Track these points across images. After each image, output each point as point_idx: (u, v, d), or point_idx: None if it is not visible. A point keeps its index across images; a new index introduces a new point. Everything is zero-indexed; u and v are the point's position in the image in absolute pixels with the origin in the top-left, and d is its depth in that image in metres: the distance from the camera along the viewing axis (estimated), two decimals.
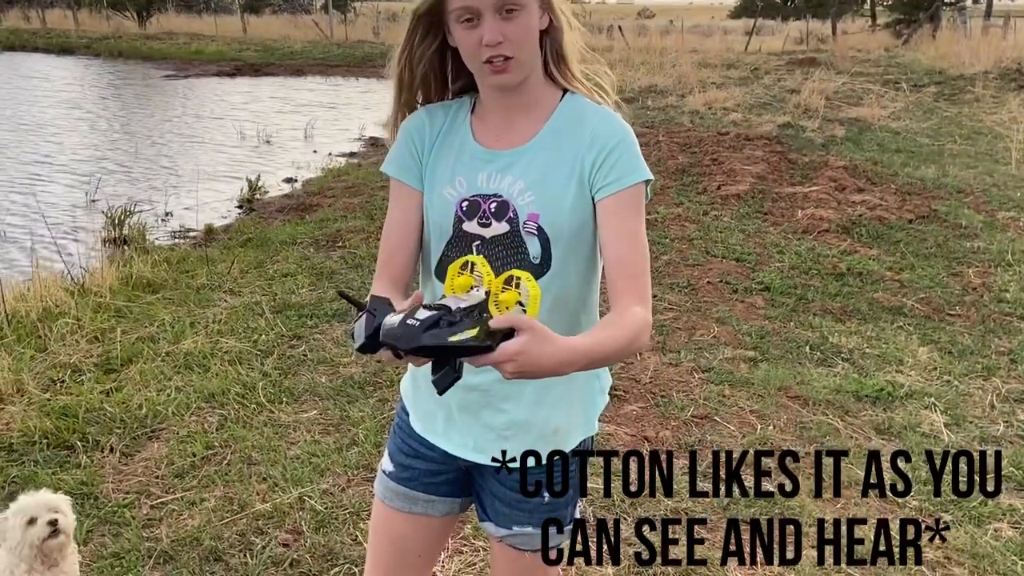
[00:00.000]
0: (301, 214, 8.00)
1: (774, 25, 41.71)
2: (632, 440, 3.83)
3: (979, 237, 7.04)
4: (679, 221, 7.37)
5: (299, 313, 5.26)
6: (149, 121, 15.20)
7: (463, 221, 1.62)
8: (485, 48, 1.51)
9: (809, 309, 5.47)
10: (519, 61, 1.54)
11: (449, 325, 1.24)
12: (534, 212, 1.58)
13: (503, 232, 1.60)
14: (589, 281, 1.70)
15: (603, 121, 1.61)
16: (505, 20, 1.50)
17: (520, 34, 1.52)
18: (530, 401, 1.67)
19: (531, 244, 1.59)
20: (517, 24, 1.51)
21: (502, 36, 1.50)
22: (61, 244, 6.68)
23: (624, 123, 1.63)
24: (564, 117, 1.63)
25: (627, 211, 1.57)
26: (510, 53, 1.52)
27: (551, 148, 1.61)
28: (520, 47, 1.52)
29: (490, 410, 1.69)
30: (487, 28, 1.50)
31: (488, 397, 1.68)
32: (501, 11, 1.50)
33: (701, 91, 15.26)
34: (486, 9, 1.49)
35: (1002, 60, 18.04)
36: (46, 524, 2.46)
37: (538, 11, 1.55)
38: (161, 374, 4.40)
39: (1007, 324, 5.27)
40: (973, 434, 3.94)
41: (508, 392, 1.66)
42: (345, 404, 4.14)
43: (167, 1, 42.84)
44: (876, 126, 12.37)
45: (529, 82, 1.61)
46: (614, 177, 1.57)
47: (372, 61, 25.68)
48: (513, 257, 1.60)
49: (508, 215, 1.60)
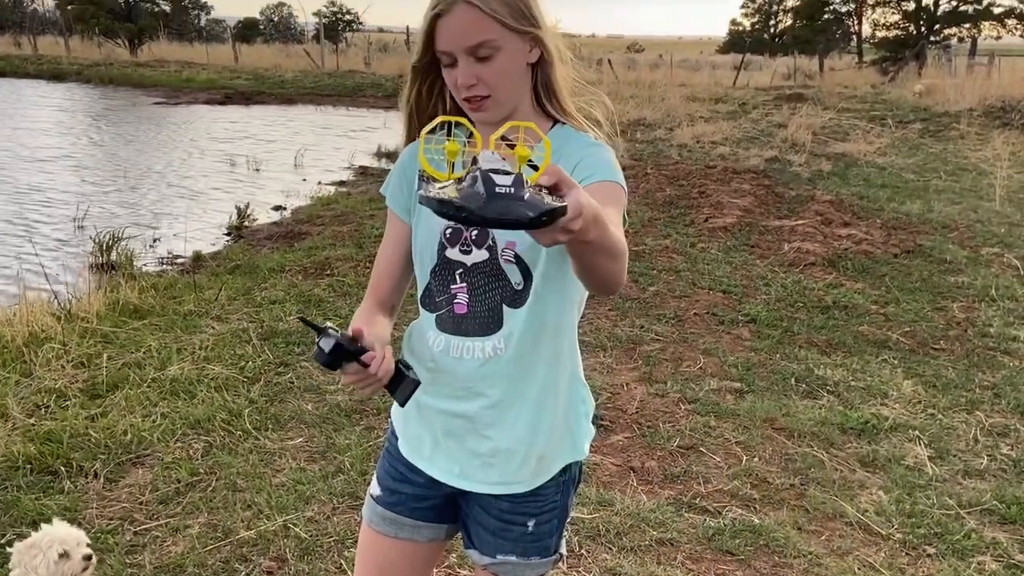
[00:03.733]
0: (290, 242, 8.01)
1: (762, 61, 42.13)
2: (618, 470, 3.83)
3: (964, 272, 7.10)
4: (667, 253, 7.41)
5: (286, 340, 5.25)
6: (138, 147, 15.21)
7: (446, 248, 1.65)
8: (462, 88, 1.55)
9: (795, 341, 5.50)
10: (496, 99, 1.57)
11: (529, 187, 1.04)
12: (511, 240, 1.60)
13: (483, 259, 1.62)
14: (571, 306, 1.70)
15: (578, 141, 1.63)
16: (479, 63, 1.53)
17: (493, 77, 1.54)
18: (514, 428, 1.68)
19: (511, 272, 1.62)
20: (490, 67, 1.53)
21: (475, 79, 1.54)
22: (48, 269, 6.67)
23: (601, 144, 1.63)
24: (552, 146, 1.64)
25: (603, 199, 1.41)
26: (485, 93, 1.55)
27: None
28: (495, 87, 1.55)
29: (475, 436, 1.70)
30: (460, 71, 1.54)
31: (473, 424, 1.69)
32: (473, 55, 1.53)
33: (689, 125, 15.38)
34: (458, 54, 1.53)
35: (986, 98, 18.26)
36: (82, 559, 2.45)
37: (520, 48, 1.56)
38: (147, 400, 4.38)
39: (991, 358, 5.31)
40: (957, 467, 3.95)
41: (492, 419, 1.68)
42: (331, 432, 4.13)
43: (159, 29, 43.10)
44: (862, 161, 12.48)
45: (517, 115, 1.62)
46: (586, 175, 1.53)
47: (363, 91, 25.86)
48: (495, 284, 1.63)
49: (487, 243, 1.62)
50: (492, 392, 1.67)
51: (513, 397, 1.67)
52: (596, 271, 1.39)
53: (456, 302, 1.66)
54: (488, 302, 1.64)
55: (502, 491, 1.72)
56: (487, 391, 1.67)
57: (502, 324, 1.64)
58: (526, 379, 1.67)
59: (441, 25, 1.53)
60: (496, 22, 1.51)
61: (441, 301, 1.68)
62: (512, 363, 1.65)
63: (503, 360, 1.65)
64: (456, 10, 1.51)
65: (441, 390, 1.70)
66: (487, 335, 1.65)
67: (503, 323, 1.64)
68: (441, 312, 1.69)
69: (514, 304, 1.63)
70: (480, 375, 1.66)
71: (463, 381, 1.67)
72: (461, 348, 1.67)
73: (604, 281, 1.41)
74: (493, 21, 1.51)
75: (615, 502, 3.54)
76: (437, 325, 1.70)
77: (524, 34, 1.55)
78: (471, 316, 1.65)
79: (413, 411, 1.78)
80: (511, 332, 1.64)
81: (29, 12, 50.80)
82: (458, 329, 1.67)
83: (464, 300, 1.65)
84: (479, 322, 1.65)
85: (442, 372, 1.69)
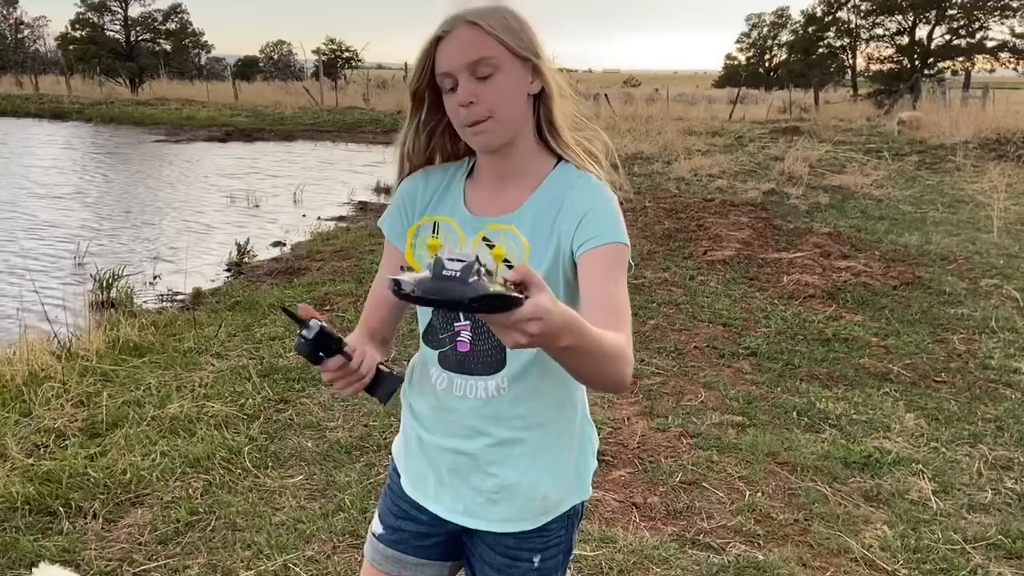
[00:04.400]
0: (289, 277, 8.02)
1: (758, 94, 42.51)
2: (620, 506, 3.81)
3: (963, 304, 7.10)
4: (666, 286, 7.42)
5: (286, 377, 5.24)
6: (138, 185, 15.26)
7: None
8: (462, 109, 1.55)
9: (796, 374, 5.49)
10: (496, 121, 1.56)
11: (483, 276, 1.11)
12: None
13: None
14: None
15: (583, 188, 1.61)
16: (480, 82, 1.54)
17: (493, 96, 1.54)
18: (519, 465, 1.68)
19: None
20: (490, 87, 1.54)
21: (475, 97, 1.54)
22: (48, 307, 6.66)
23: (606, 191, 1.63)
24: (552, 187, 1.64)
25: (607, 266, 1.53)
26: (485, 113, 1.54)
27: (534, 218, 1.62)
28: (495, 108, 1.55)
29: (479, 474, 1.69)
30: (461, 88, 1.54)
31: (477, 462, 1.68)
32: (474, 73, 1.53)
33: (687, 158, 15.46)
34: (459, 72, 1.54)
35: (982, 130, 18.37)
36: None
37: (520, 74, 1.57)
38: (146, 438, 4.36)
39: (993, 391, 5.29)
40: (961, 501, 3.93)
41: (496, 457, 1.67)
42: (331, 469, 4.11)
43: (159, 67, 43.46)
44: (859, 194, 12.54)
45: (518, 148, 1.63)
46: (591, 235, 1.55)
47: (362, 127, 26.01)
48: None
49: None
50: (496, 431, 1.66)
51: (518, 436, 1.67)
52: (583, 375, 1.39)
53: (459, 340, 1.66)
54: (491, 340, 1.63)
55: (508, 528, 1.71)
56: (491, 430, 1.66)
57: (505, 363, 1.64)
58: (531, 419, 1.67)
59: (442, 47, 1.55)
60: (497, 41, 1.53)
61: (444, 338, 1.68)
62: (516, 403, 1.65)
63: (506, 399, 1.64)
64: (458, 30, 1.54)
65: (445, 428, 1.70)
66: (491, 374, 1.64)
67: (506, 362, 1.63)
68: (444, 349, 1.68)
69: None
70: (483, 414, 1.66)
71: (466, 419, 1.67)
72: (464, 386, 1.66)
73: (596, 384, 1.41)
74: (494, 40, 1.53)
75: (618, 539, 3.52)
76: (440, 362, 1.69)
77: (525, 60, 1.56)
78: (474, 354, 1.65)
79: (416, 448, 1.77)
80: (515, 372, 1.63)
81: (31, 52, 51.19)
82: (461, 367, 1.66)
83: (467, 338, 1.65)
84: (482, 361, 1.64)
85: (445, 410, 1.69)
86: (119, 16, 47.80)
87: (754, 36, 62.89)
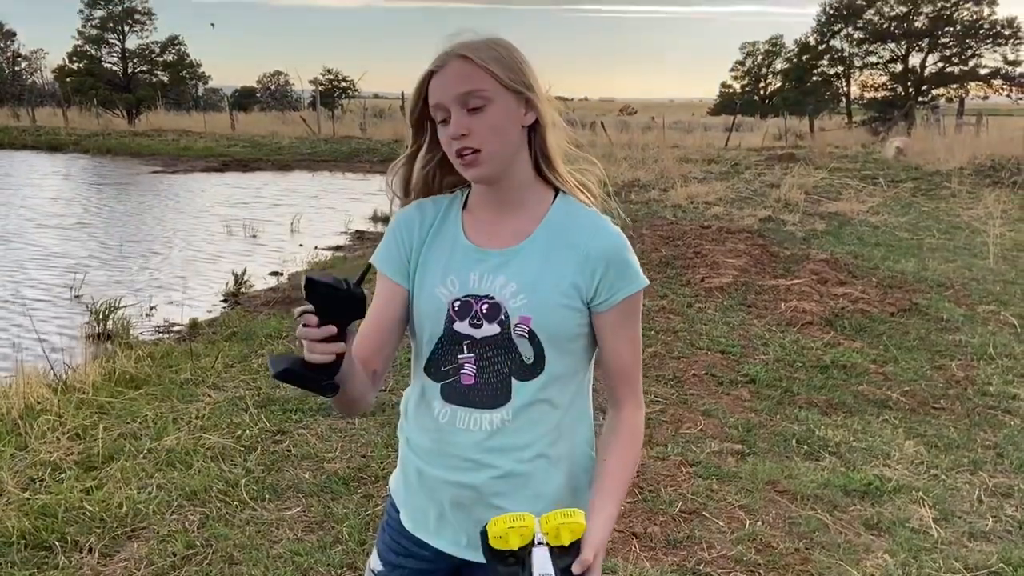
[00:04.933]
0: (287, 307, 7.99)
1: (753, 122, 42.74)
2: (620, 536, 3.78)
3: (961, 330, 7.11)
4: (664, 313, 7.42)
5: (283, 408, 5.22)
6: (134, 216, 15.28)
7: (454, 321, 1.64)
8: (453, 141, 1.57)
9: (795, 402, 5.47)
10: (488, 153, 1.57)
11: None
12: (526, 315, 1.60)
13: (494, 333, 1.62)
14: (583, 380, 1.72)
15: (599, 232, 1.64)
16: (471, 115, 1.55)
17: (483, 129, 1.56)
18: (523, 496, 1.67)
19: (523, 346, 1.61)
20: (481, 119, 1.55)
21: (467, 129, 1.55)
22: (45, 340, 6.65)
23: (617, 229, 1.66)
24: (558, 220, 1.65)
25: (628, 319, 1.65)
26: (476, 145, 1.56)
27: (544, 252, 1.63)
28: (486, 140, 1.56)
29: (483, 506, 1.67)
30: (452, 122, 1.56)
31: (481, 494, 1.67)
32: (465, 105, 1.55)
33: (683, 185, 15.52)
34: (451, 104, 1.56)
35: (976, 157, 18.47)
36: None
37: (513, 107, 1.58)
38: (143, 471, 4.34)
39: (992, 417, 5.28)
40: (962, 529, 3.91)
41: (501, 489, 1.66)
42: (329, 501, 4.08)
43: (156, 99, 43.64)
44: (856, 220, 12.57)
45: (514, 179, 1.64)
46: (616, 290, 1.62)
47: (359, 156, 26.10)
48: (503, 356, 1.62)
49: (499, 317, 1.61)
50: (501, 463, 1.65)
51: (522, 468, 1.66)
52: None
53: (463, 372, 1.65)
54: (496, 374, 1.63)
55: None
56: (495, 462, 1.65)
57: (510, 396, 1.63)
58: (535, 449, 1.66)
59: (435, 81, 1.57)
60: (488, 74, 1.55)
61: (448, 371, 1.67)
62: (520, 435, 1.65)
63: (510, 432, 1.64)
64: (450, 64, 1.56)
65: (446, 461, 1.69)
66: (495, 407, 1.64)
67: (511, 395, 1.63)
68: (447, 382, 1.67)
69: (523, 377, 1.63)
70: (487, 447, 1.65)
71: (470, 452, 1.66)
72: (468, 420, 1.65)
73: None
74: (485, 73, 1.55)
75: (618, 569, 3.49)
76: (443, 395, 1.68)
77: (517, 93, 1.58)
78: (478, 387, 1.64)
79: (415, 482, 1.76)
80: (520, 405, 1.63)
81: (28, 85, 51.42)
82: (465, 400, 1.65)
83: (471, 371, 1.64)
84: (487, 394, 1.64)
85: (448, 443, 1.68)
86: (116, 48, 48.07)
87: (749, 64, 63.32)
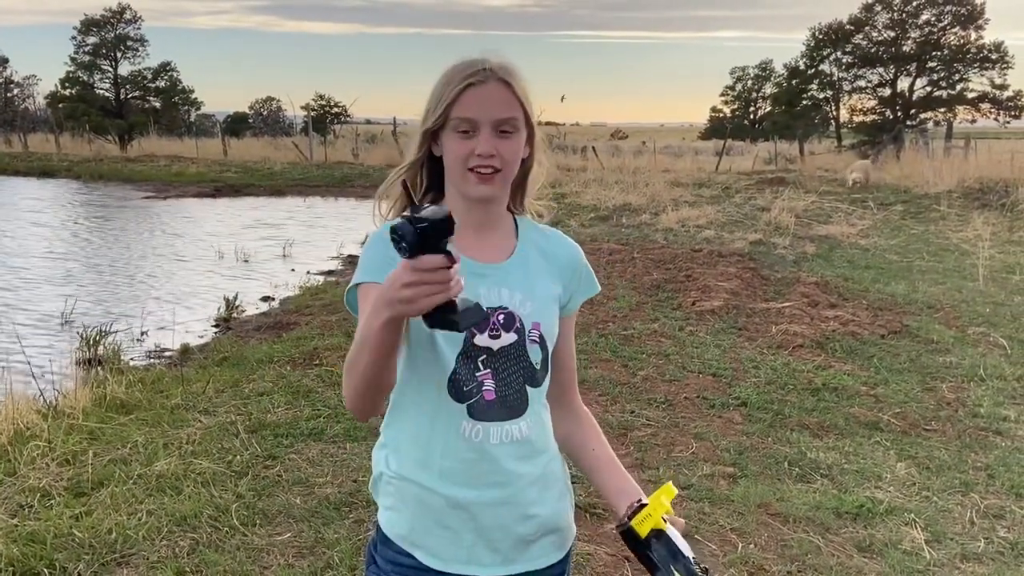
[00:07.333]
0: (278, 332, 7.99)
1: (743, 146, 42.99)
2: (613, 560, 3.77)
3: (951, 352, 7.13)
4: (655, 336, 7.43)
5: (274, 432, 5.20)
6: (126, 241, 15.27)
7: (475, 335, 1.65)
8: (476, 156, 1.61)
9: (786, 424, 5.48)
10: (504, 176, 1.65)
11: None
12: (536, 321, 1.69)
13: (511, 342, 1.67)
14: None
15: (563, 243, 1.82)
16: (500, 138, 1.62)
17: (510, 153, 1.64)
18: (550, 498, 1.75)
19: (532, 352, 1.69)
20: (509, 144, 1.63)
21: (495, 151, 1.61)
22: (35, 365, 6.62)
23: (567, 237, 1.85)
24: (529, 236, 1.78)
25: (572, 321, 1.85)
26: (499, 166, 1.63)
27: (529, 264, 1.74)
28: (508, 164, 1.64)
29: (519, 517, 1.70)
30: (483, 140, 1.61)
31: (518, 504, 1.70)
32: (498, 129, 1.61)
33: (674, 209, 15.58)
34: (485, 124, 1.61)
35: (965, 179, 18.59)
36: None
37: (524, 140, 1.68)
38: (132, 497, 4.31)
39: (983, 439, 5.29)
40: (954, 551, 3.91)
41: (534, 496, 1.72)
42: (320, 526, 4.06)
43: (149, 125, 43.68)
44: (845, 243, 12.63)
45: (500, 201, 1.73)
46: (581, 294, 1.81)
47: (351, 181, 26.15)
48: (516, 366, 1.68)
49: (516, 325, 1.68)
50: (529, 470, 1.71)
51: (545, 472, 1.74)
52: None
53: (485, 389, 1.66)
54: (514, 384, 1.68)
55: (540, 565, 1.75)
56: (526, 470, 1.70)
57: (528, 404, 1.70)
58: (548, 452, 1.76)
59: (471, 93, 1.61)
60: (520, 106, 1.64)
61: (470, 390, 1.66)
62: (539, 439, 1.73)
63: (532, 438, 1.71)
64: (491, 83, 1.61)
65: (483, 479, 1.67)
66: (517, 417, 1.69)
67: (528, 403, 1.70)
68: (473, 400, 1.66)
69: (533, 383, 1.71)
70: (519, 456, 1.69)
71: (507, 463, 1.68)
72: (500, 433, 1.67)
73: None
74: (519, 104, 1.64)
75: None
76: (471, 414, 1.66)
77: (528, 128, 1.68)
78: (500, 400, 1.68)
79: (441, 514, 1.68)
80: (535, 410, 1.72)
81: (20, 111, 51.44)
82: (492, 415, 1.67)
83: (491, 386, 1.67)
84: (509, 405, 1.68)
85: (485, 460, 1.66)
86: (109, 74, 48.12)
87: (739, 89, 63.77)
